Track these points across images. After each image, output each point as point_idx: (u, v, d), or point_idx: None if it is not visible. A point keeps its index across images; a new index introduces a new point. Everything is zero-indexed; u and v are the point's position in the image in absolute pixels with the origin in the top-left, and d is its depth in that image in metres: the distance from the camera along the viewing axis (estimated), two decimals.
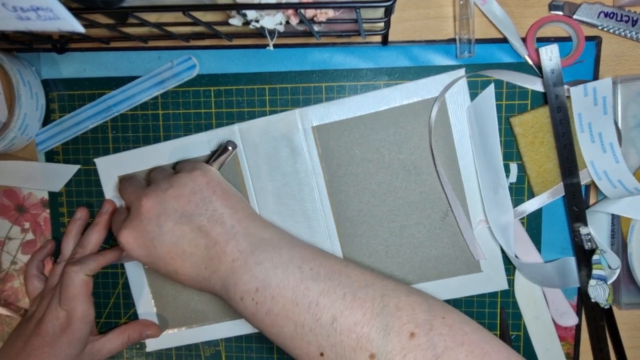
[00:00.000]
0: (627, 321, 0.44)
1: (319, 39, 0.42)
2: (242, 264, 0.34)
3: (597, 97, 0.38)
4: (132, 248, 0.37)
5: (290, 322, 0.32)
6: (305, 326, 0.31)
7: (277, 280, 0.33)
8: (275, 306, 0.33)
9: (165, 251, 0.36)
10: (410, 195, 0.44)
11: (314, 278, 0.33)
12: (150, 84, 0.45)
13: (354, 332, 0.30)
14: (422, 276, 0.44)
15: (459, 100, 0.42)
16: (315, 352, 0.31)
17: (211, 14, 0.40)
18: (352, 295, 0.31)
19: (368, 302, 0.31)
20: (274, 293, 0.33)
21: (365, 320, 0.30)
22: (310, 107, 0.44)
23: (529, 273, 0.43)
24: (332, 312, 0.31)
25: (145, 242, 0.36)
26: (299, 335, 0.32)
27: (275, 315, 0.33)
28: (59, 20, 0.24)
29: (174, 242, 0.36)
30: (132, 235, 0.37)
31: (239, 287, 0.34)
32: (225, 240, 0.35)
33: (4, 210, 0.50)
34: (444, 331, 0.29)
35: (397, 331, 0.29)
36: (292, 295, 0.32)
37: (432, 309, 0.31)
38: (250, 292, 0.33)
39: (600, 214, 0.42)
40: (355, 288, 0.32)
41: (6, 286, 0.50)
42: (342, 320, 0.30)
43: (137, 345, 0.49)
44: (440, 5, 0.42)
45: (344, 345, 0.30)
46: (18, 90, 0.43)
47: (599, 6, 0.40)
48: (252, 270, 0.34)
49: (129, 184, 0.41)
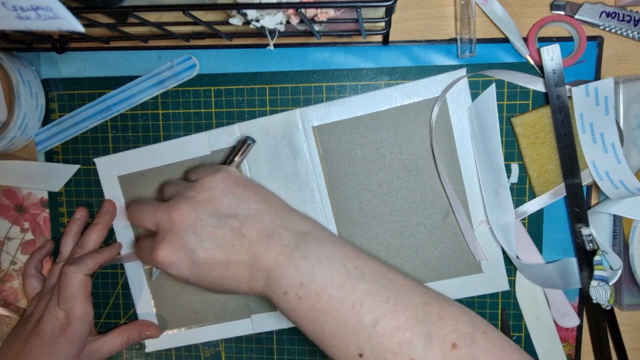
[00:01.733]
0: (628, 322, 0.44)
1: (320, 39, 0.41)
2: (287, 257, 0.34)
3: (598, 98, 0.38)
4: (172, 264, 0.35)
5: (333, 319, 0.32)
6: (348, 325, 0.31)
7: (322, 276, 0.33)
8: (319, 303, 0.32)
9: (208, 258, 0.35)
10: (411, 196, 0.44)
11: (358, 277, 0.33)
12: (150, 83, 0.45)
13: (396, 337, 0.30)
14: (423, 277, 0.44)
15: (460, 100, 0.42)
16: (354, 352, 0.31)
17: (211, 14, 0.40)
18: (395, 299, 0.31)
19: (411, 307, 0.31)
20: (318, 289, 0.32)
21: (408, 326, 0.30)
22: (310, 107, 0.43)
23: (530, 274, 0.43)
24: (375, 314, 0.31)
25: (186, 253, 0.35)
26: (340, 334, 0.32)
27: (318, 312, 0.32)
28: (59, 20, 0.24)
29: (215, 247, 0.35)
30: (170, 251, 0.35)
31: (283, 281, 0.33)
32: (267, 235, 0.35)
33: (3, 210, 0.49)
34: (487, 346, 0.29)
35: (439, 340, 0.29)
36: (336, 293, 0.32)
37: (474, 322, 0.31)
38: (294, 286, 0.33)
39: (602, 214, 0.41)
40: (398, 292, 0.32)
41: (5, 286, 0.50)
42: (385, 323, 0.30)
43: (136, 345, 0.49)
44: (442, 4, 0.42)
45: (385, 349, 0.30)
46: (18, 90, 0.43)
47: (601, 6, 0.39)
48: (296, 264, 0.33)
49: (143, 207, 0.38)
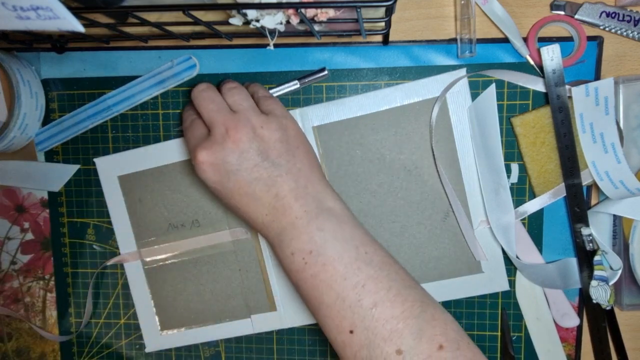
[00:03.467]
0: (628, 322, 0.44)
1: (320, 39, 0.41)
2: (305, 223, 0.35)
3: (598, 98, 0.38)
4: (205, 170, 0.36)
5: (333, 292, 0.33)
6: (346, 301, 0.33)
7: (332, 251, 0.34)
8: (323, 273, 0.34)
9: (236, 187, 0.36)
10: (411, 196, 0.43)
11: (367, 262, 0.34)
12: (150, 83, 0.45)
13: (389, 324, 0.31)
14: (423, 277, 0.44)
15: (460, 100, 0.42)
16: (346, 327, 0.33)
17: (211, 14, 0.40)
18: (397, 291, 0.33)
19: (409, 302, 0.32)
20: (326, 261, 0.34)
21: (402, 318, 0.31)
22: (310, 107, 0.43)
23: (530, 274, 0.43)
24: (374, 298, 0.32)
25: (221, 171, 0.36)
26: (337, 307, 0.33)
27: (320, 281, 0.34)
28: (59, 20, 0.24)
29: (248, 182, 0.36)
30: (210, 159, 0.36)
31: (294, 243, 0.35)
32: (296, 196, 0.36)
33: (3, 210, 0.49)
34: (469, 355, 0.31)
35: (428, 338, 0.31)
36: (343, 270, 0.33)
37: (461, 332, 0.33)
38: (303, 251, 0.34)
39: (602, 214, 0.41)
40: (401, 285, 0.33)
41: (6, 286, 0.50)
42: (382, 310, 0.32)
43: (137, 345, 0.49)
44: (442, 4, 0.42)
45: (376, 332, 0.31)
46: (18, 90, 0.43)
47: (601, 6, 0.39)
48: (312, 233, 0.35)
49: (210, 100, 0.38)
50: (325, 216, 0.35)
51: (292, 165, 0.37)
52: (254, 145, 0.36)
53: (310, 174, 0.37)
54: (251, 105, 0.38)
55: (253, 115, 0.37)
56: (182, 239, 0.47)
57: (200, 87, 0.39)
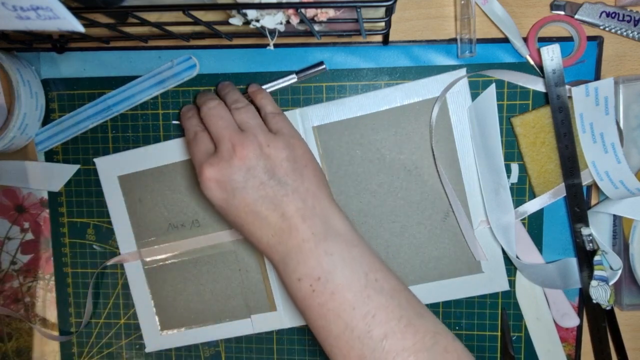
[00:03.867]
0: (628, 322, 0.44)
1: (320, 39, 0.41)
2: (312, 247, 0.34)
3: (598, 98, 0.38)
4: (211, 187, 0.36)
5: (341, 322, 0.32)
6: (355, 332, 0.32)
7: (342, 278, 0.33)
8: (332, 302, 0.33)
9: (242, 205, 0.35)
10: (411, 196, 0.44)
11: (377, 290, 0.33)
12: (150, 83, 0.45)
13: (400, 357, 0.30)
14: (423, 277, 0.44)
15: (460, 100, 0.42)
16: (355, 358, 0.32)
17: (211, 14, 0.40)
18: (408, 321, 0.32)
19: (420, 333, 0.32)
20: (334, 289, 0.33)
21: (414, 350, 0.31)
22: (310, 107, 0.43)
23: (530, 274, 0.43)
24: (384, 329, 0.31)
25: (227, 188, 0.35)
26: (345, 338, 0.32)
27: (327, 310, 0.33)
28: (59, 20, 0.24)
29: (254, 200, 0.35)
30: (216, 176, 0.36)
31: (301, 268, 0.34)
32: (303, 217, 0.35)
33: (3, 210, 0.49)
34: None
35: None
36: (352, 298, 0.32)
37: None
38: (310, 277, 0.33)
39: (602, 214, 0.41)
40: (412, 314, 0.33)
41: (6, 286, 0.50)
42: (392, 342, 0.31)
43: (136, 345, 0.49)
44: (442, 4, 0.42)
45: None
46: (18, 90, 0.43)
47: (601, 6, 0.39)
48: (319, 257, 0.34)
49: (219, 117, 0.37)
50: (333, 239, 0.34)
51: (300, 184, 0.36)
52: (261, 163, 0.35)
53: (318, 193, 0.36)
54: (259, 123, 0.38)
55: (260, 133, 0.37)
56: (182, 239, 0.47)
57: (210, 103, 0.39)
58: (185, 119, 0.41)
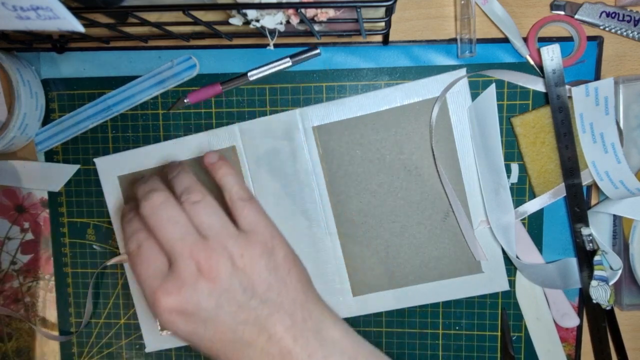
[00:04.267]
0: (628, 322, 0.44)
1: (320, 39, 0.41)
2: None
3: (598, 98, 0.38)
4: (173, 320, 0.29)
5: None
6: None
7: None
8: None
9: (217, 335, 0.29)
10: (411, 196, 0.44)
11: None
12: (150, 83, 0.45)
13: None
14: (423, 277, 0.44)
15: (460, 100, 0.42)
16: None
17: (211, 14, 0.40)
18: None
19: None
20: None
21: None
22: (310, 107, 0.43)
23: (530, 274, 0.43)
24: None
25: (194, 319, 0.29)
26: None
27: None
28: (59, 20, 0.24)
29: (232, 328, 0.29)
30: (178, 307, 0.28)
31: None
32: (294, 337, 0.29)
33: (3, 210, 0.49)
34: None
35: None
36: None
37: None
38: None
39: (602, 214, 0.41)
40: None
41: (6, 286, 0.50)
42: None
43: (136, 345, 0.49)
44: (442, 4, 0.42)
45: None
46: (18, 90, 0.43)
47: (601, 6, 0.39)
48: None
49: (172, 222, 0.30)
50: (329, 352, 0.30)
51: (285, 297, 0.30)
52: (235, 281, 0.29)
53: (306, 301, 0.31)
54: (224, 224, 0.30)
55: (229, 239, 0.29)
56: None
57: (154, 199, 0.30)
58: (124, 222, 0.32)
